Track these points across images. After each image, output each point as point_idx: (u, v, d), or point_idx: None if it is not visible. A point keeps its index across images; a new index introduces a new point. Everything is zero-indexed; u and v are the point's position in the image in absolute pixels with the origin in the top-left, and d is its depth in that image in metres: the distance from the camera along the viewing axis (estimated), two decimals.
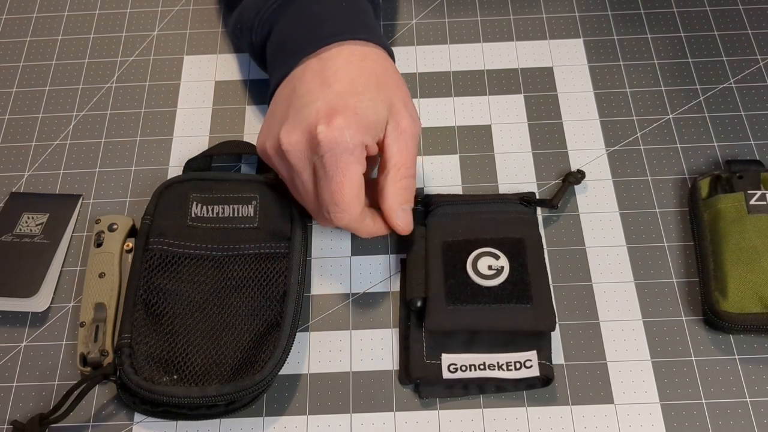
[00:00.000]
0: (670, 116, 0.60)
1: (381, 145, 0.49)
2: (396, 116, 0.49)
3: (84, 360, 0.50)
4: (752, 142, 0.58)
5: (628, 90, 0.61)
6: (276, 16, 0.54)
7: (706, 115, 0.60)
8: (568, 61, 0.63)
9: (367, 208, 0.50)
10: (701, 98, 0.61)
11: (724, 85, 0.62)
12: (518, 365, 0.48)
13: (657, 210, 0.56)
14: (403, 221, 0.50)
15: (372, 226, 0.51)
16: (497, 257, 0.51)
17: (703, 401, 0.49)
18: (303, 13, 0.53)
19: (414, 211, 0.54)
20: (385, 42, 0.53)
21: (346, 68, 0.49)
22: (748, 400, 0.49)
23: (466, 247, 0.51)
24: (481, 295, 0.49)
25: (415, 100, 0.61)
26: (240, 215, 0.53)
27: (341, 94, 0.48)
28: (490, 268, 0.50)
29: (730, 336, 0.51)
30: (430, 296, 0.50)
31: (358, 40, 0.51)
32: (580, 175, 0.56)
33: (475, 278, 0.50)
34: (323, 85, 0.49)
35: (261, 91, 0.63)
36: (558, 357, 0.50)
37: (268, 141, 0.51)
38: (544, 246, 0.54)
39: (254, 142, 0.59)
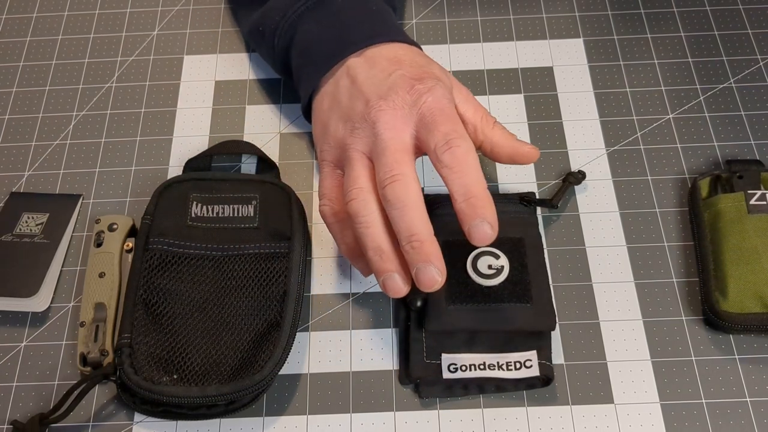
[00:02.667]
0: (670, 116, 0.60)
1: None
2: (456, 87, 0.51)
3: (84, 360, 0.50)
4: (752, 142, 0.58)
5: (628, 90, 0.61)
6: (304, 19, 0.54)
7: (706, 115, 0.60)
8: (568, 61, 0.63)
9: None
10: (701, 98, 0.61)
11: (724, 85, 0.62)
12: (518, 365, 0.48)
13: (657, 210, 0.56)
14: (530, 146, 0.51)
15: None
16: (497, 257, 0.51)
17: (703, 401, 0.49)
18: (335, 17, 0.53)
19: None
20: (418, 45, 0.55)
21: (401, 52, 0.51)
22: (748, 400, 0.49)
23: (466, 247, 0.51)
24: (481, 295, 0.49)
25: None
26: (240, 215, 0.53)
27: (414, 65, 0.49)
28: (490, 267, 0.50)
29: (730, 336, 0.51)
30: (430, 296, 0.50)
31: (394, 42, 0.52)
32: (580, 175, 0.56)
33: (475, 278, 0.50)
34: (392, 64, 0.49)
35: (261, 91, 0.63)
36: (558, 357, 0.50)
37: (337, 131, 0.49)
38: (544, 246, 0.54)
39: (254, 142, 0.59)
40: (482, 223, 0.44)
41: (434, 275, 0.44)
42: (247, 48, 0.65)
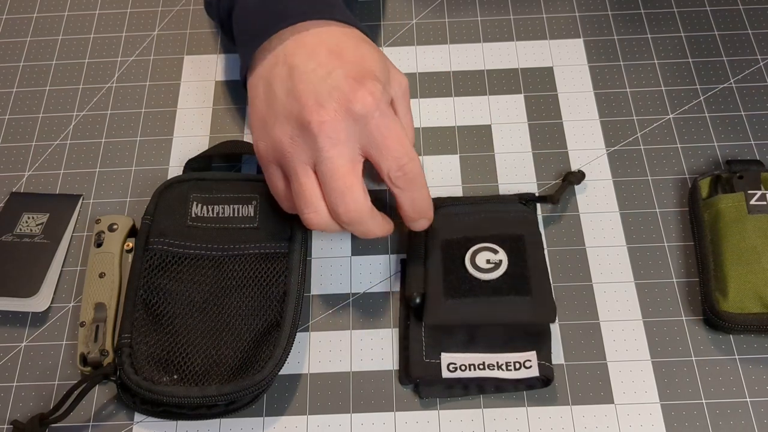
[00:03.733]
0: (670, 116, 0.60)
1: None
2: (392, 78, 0.50)
3: (84, 360, 0.50)
4: (752, 142, 0.58)
5: (628, 90, 0.61)
6: None
7: (706, 115, 0.60)
8: (568, 61, 0.63)
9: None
10: (701, 98, 0.61)
11: (724, 85, 0.62)
12: (518, 365, 0.48)
13: (657, 210, 0.56)
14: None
15: (379, 222, 0.49)
16: (495, 252, 0.51)
17: (703, 401, 0.49)
18: None
19: None
20: (360, 25, 0.52)
21: (343, 40, 0.49)
22: (748, 400, 0.49)
23: (466, 244, 0.52)
24: (480, 289, 0.49)
25: (415, 100, 0.61)
26: (240, 215, 0.53)
27: (355, 60, 0.48)
28: (488, 262, 0.50)
29: (730, 336, 0.51)
30: (429, 291, 0.50)
31: (333, 22, 0.50)
32: (580, 175, 0.56)
33: (474, 272, 0.50)
34: (332, 57, 0.48)
35: None
36: (558, 357, 0.50)
37: (270, 138, 0.48)
38: (545, 245, 0.54)
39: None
40: (422, 221, 0.50)
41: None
42: None
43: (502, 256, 0.51)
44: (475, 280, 0.50)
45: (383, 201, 0.57)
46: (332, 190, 0.46)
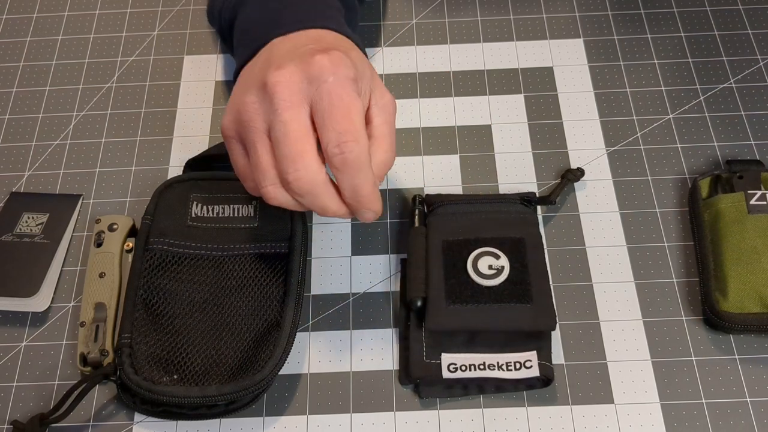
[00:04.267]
0: (670, 116, 0.60)
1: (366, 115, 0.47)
2: (378, 90, 0.47)
3: (84, 360, 0.50)
4: (752, 142, 0.58)
5: (628, 90, 0.61)
6: (245, 2, 0.54)
7: (706, 115, 0.60)
8: (568, 61, 0.63)
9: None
10: (701, 98, 0.61)
11: (724, 85, 0.62)
12: (518, 365, 0.48)
13: (657, 210, 0.56)
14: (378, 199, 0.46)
15: (336, 199, 0.45)
16: (497, 257, 0.51)
17: (703, 401, 0.49)
18: (273, 2, 0.52)
19: (416, 211, 0.54)
20: (356, 38, 0.52)
21: (329, 37, 0.48)
22: (748, 400, 0.49)
23: (467, 247, 0.52)
24: (482, 295, 0.49)
25: (415, 100, 0.61)
26: (240, 215, 0.53)
27: (330, 43, 0.47)
28: (490, 267, 0.50)
29: (730, 336, 0.51)
30: (431, 296, 0.50)
31: (326, 29, 0.49)
32: (579, 173, 0.56)
33: (476, 278, 0.50)
34: (310, 41, 0.47)
35: None
36: (558, 357, 0.50)
37: (235, 107, 0.46)
38: (545, 246, 0.54)
39: None
40: (367, 212, 0.45)
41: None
42: None
43: (504, 261, 0.51)
44: (477, 286, 0.50)
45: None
46: (283, 157, 0.43)
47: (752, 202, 0.52)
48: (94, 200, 0.58)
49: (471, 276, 0.50)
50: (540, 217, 0.56)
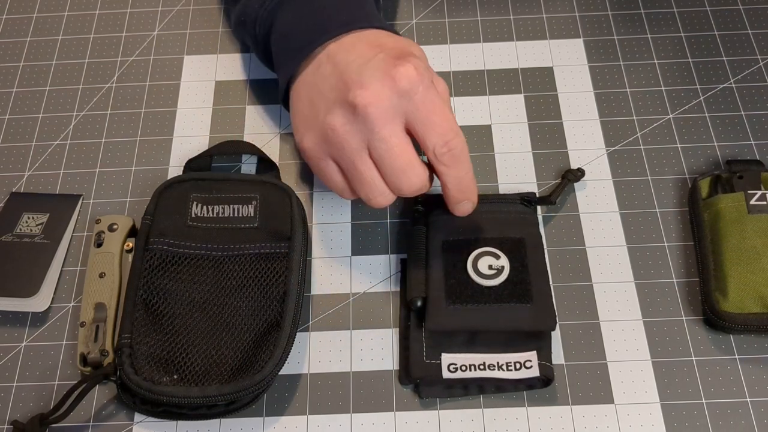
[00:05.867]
0: (670, 116, 0.60)
1: None
2: (434, 76, 0.49)
3: (84, 360, 0.50)
4: (752, 142, 0.58)
5: (628, 90, 0.61)
6: (283, 7, 0.53)
7: (706, 115, 0.60)
8: (568, 61, 0.63)
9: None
10: (701, 98, 0.61)
11: (724, 85, 0.62)
12: (518, 365, 0.48)
13: (657, 210, 0.56)
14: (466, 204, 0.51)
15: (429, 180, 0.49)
16: (497, 257, 0.51)
17: (703, 401, 0.49)
18: (312, 4, 0.52)
19: (415, 211, 0.54)
20: (397, 32, 0.53)
21: (383, 36, 0.50)
22: (748, 400, 0.49)
23: (467, 247, 0.52)
24: (482, 295, 0.49)
25: None
26: (240, 215, 0.53)
27: (396, 48, 0.48)
28: (490, 267, 0.50)
29: (730, 336, 0.51)
30: (431, 296, 0.50)
31: (373, 28, 0.51)
32: (579, 173, 0.56)
33: (476, 278, 0.50)
34: (373, 48, 0.48)
35: (261, 91, 0.63)
36: (558, 357, 0.50)
37: (319, 129, 0.48)
38: (545, 246, 0.54)
39: (254, 142, 0.59)
40: (467, 203, 0.49)
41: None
42: (247, 48, 0.65)
43: (504, 261, 0.51)
44: (477, 286, 0.50)
45: None
46: (393, 170, 0.47)
47: (752, 202, 0.52)
48: (94, 200, 0.58)
49: (471, 276, 0.50)
50: (540, 217, 0.56)
